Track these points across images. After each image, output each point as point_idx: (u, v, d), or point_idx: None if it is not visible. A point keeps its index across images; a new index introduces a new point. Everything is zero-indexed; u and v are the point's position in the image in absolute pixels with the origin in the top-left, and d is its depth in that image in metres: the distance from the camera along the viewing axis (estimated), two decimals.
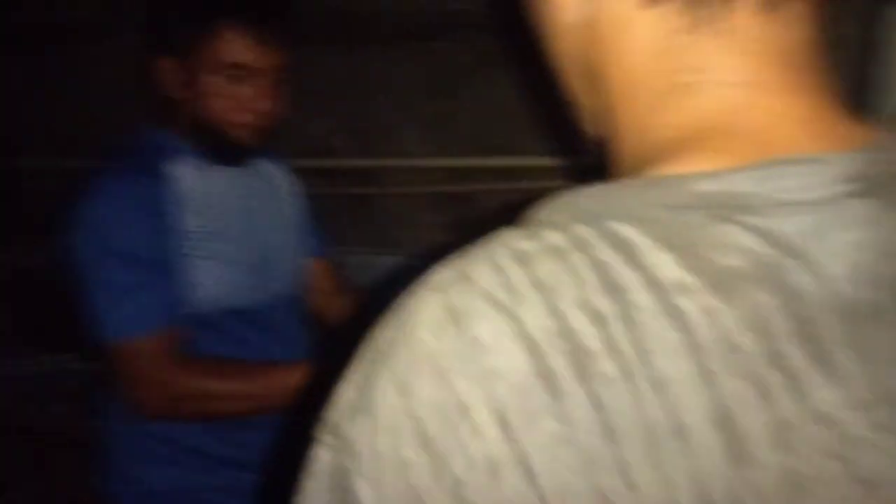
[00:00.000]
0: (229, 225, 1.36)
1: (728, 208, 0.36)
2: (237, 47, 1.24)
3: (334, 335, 1.59)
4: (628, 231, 0.36)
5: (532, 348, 0.33)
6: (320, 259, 1.62)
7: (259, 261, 1.40)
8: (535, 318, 0.34)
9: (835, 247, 0.35)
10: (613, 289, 0.34)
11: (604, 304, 0.34)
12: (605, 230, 0.36)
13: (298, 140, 2.09)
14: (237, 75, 1.26)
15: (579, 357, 0.33)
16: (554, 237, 0.37)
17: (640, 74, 0.43)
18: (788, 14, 0.41)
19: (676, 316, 0.33)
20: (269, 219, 1.46)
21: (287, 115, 1.40)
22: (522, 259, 0.36)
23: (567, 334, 0.33)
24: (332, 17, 2.14)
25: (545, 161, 2.15)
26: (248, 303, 1.37)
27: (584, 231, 0.36)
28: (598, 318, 0.33)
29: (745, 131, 0.39)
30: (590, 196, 0.40)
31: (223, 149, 1.34)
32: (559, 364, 0.33)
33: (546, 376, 0.33)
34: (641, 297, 0.34)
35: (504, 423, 0.33)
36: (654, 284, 0.34)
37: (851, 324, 0.34)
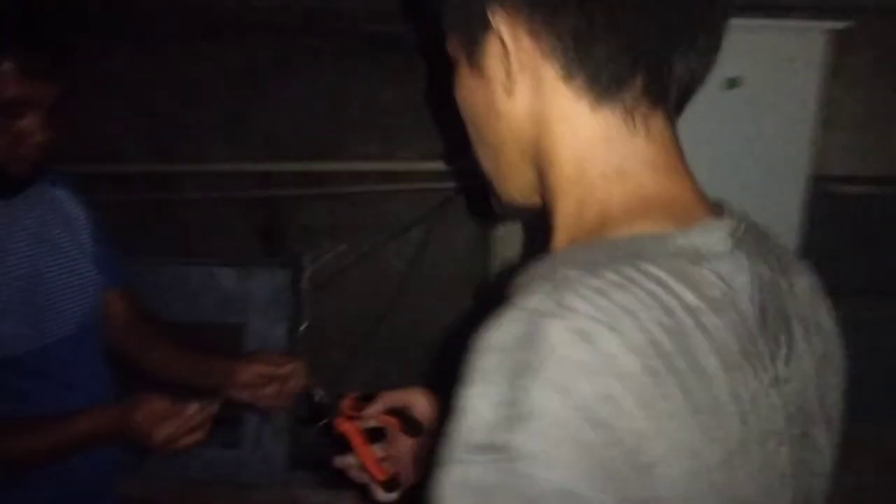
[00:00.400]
0: None
1: (695, 256, 0.54)
2: (11, 84, 1.15)
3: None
4: (657, 271, 0.51)
5: (638, 354, 0.47)
6: (117, 288, 1.47)
7: (38, 302, 1.28)
8: (632, 333, 0.47)
9: (741, 284, 0.55)
10: (667, 311, 0.49)
11: (666, 321, 0.49)
12: (643, 270, 0.51)
13: (84, 144, 1.93)
14: (13, 111, 1.17)
15: (666, 359, 0.48)
16: (612, 275, 0.50)
17: (588, 158, 0.58)
18: (674, 120, 0.60)
19: (704, 329, 0.50)
20: (52, 253, 1.33)
21: (72, 117, 1.29)
22: (600, 292, 0.48)
23: (655, 344, 0.48)
24: (119, 13, 1.99)
25: (352, 165, 2.16)
26: (21, 350, 1.24)
27: (629, 271, 0.50)
28: (667, 331, 0.49)
29: (673, 203, 0.57)
30: (617, 246, 0.54)
31: None
32: (657, 364, 0.47)
33: (652, 373, 0.47)
34: (683, 316, 0.50)
35: (640, 406, 0.46)
36: (687, 307, 0.50)
37: (759, 332, 0.55)
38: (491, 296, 0.56)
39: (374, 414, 1.03)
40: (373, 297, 2.20)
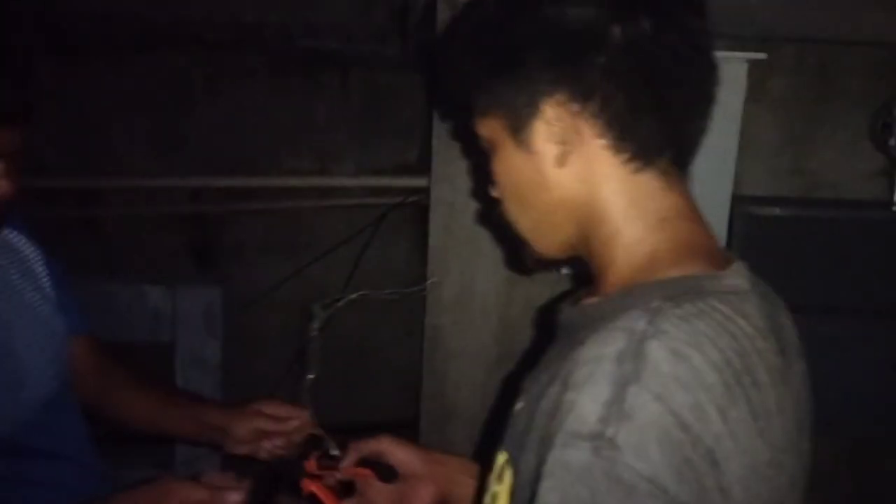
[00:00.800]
0: None
1: (738, 292, 0.65)
2: None
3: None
4: (719, 304, 0.62)
5: (717, 371, 0.58)
6: (82, 335, 1.28)
7: (12, 366, 1.12)
8: (712, 353, 0.58)
9: (763, 316, 0.66)
10: (733, 337, 0.60)
11: (733, 345, 0.60)
12: (709, 303, 0.62)
13: None
14: None
15: (736, 375, 0.59)
16: (689, 307, 0.60)
17: (634, 213, 0.69)
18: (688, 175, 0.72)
19: (758, 352, 0.62)
20: (18, 307, 1.17)
21: None
22: (685, 319, 0.59)
23: (728, 362, 0.59)
24: (47, 24, 1.93)
25: (286, 181, 2.14)
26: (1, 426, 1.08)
27: (700, 304, 0.61)
28: (735, 353, 0.60)
29: (703, 248, 0.69)
30: (679, 284, 0.64)
31: None
32: (730, 379, 0.58)
33: (727, 387, 0.58)
34: (745, 341, 0.61)
35: (718, 413, 0.57)
36: (745, 334, 0.62)
37: (782, 355, 0.66)
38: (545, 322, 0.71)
39: (348, 467, 1.01)
40: (307, 313, 2.19)
